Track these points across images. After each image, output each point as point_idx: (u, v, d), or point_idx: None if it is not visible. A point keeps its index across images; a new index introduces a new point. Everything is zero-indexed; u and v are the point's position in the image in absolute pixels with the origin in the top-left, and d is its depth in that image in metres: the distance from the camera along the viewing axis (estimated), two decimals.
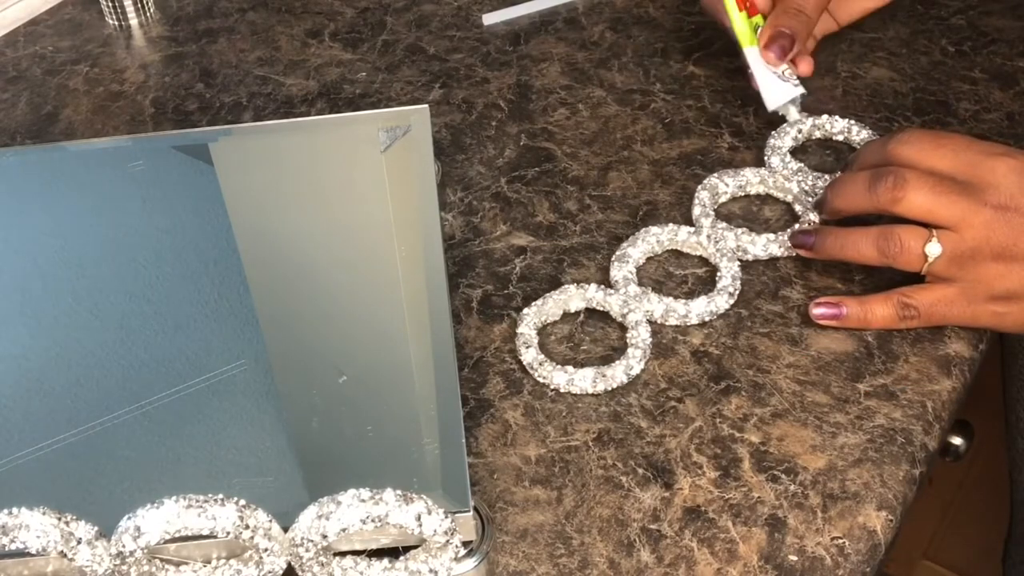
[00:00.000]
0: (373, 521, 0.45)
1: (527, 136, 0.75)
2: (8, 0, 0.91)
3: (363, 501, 0.45)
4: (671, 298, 0.62)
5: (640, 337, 0.59)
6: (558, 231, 0.68)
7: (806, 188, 0.67)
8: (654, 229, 0.65)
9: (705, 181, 0.68)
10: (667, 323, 0.61)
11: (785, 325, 0.61)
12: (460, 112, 0.78)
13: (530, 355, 0.59)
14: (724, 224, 0.65)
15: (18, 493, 0.51)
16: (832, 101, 0.75)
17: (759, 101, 0.72)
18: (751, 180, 0.68)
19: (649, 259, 0.66)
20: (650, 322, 0.61)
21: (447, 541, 0.47)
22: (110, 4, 0.88)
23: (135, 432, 0.54)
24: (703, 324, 0.62)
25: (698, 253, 0.65)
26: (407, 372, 0.56)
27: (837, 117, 0.71)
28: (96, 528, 0.46)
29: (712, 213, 0.66)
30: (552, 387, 0.59)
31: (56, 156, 0.70)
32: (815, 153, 0.72)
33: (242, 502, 0.46)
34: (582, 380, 0.58)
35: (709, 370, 0.59)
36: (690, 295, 0.63)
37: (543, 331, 0.62)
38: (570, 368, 0.58)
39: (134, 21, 0.89)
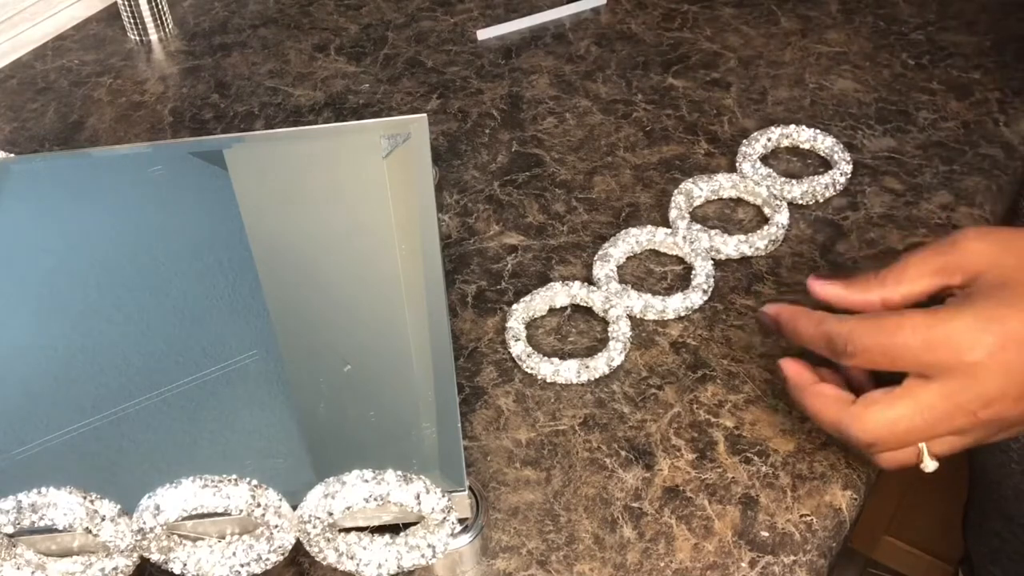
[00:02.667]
0: (375, 500, 0.45)
1: (518, 143, 0.75)
2: (37, 17, 0.91)
3: (366, 481, 0.45)
4: (650, 294, 0.61)
5: (620, 331, 0.59)
6: (547, 231, 0.68)
7: (775, 192, 0.67)
8: (633, 231, 0.65)
9: (680, 186, 0.68)
10: (646, 318, 0.61)
11: (757, 318, 0.61)
12: (456, 121, 0.77)
13: (518, 348, 0.59)
14: (699, 226, 0.65)
15: (47, 474, 0.51)
16: (801, 111, 0.75)
17: (732, 111, 0.72)
18: (724, 185, 0.68)
19: (630, 258, 0.65)
20: (631, 317, 0.61)
21: (444, 518, 0.47)
22: (132, 20, 0.88)
23: (155, 417, 0.54)
24: (681, 317, 0.61)
25: (675, 253, 0.65)
26: (407, 362, 0.56)
27: (803, 127, 0.71)
28: (119, 506, 0.46)
29: (687, 216, 0.66)
30: (539, 377, 0.58)
31: (82, 161, 0.70)
32: (783, 160, 0.72)
33: (254, 482, 0.45)
34: (567, 371, 0.58)
35: (687, 360, 0.59)
36: (669, 291, 0.63)
37: (533, 324, 0.62)
38: (556, 360, 0.58)
39: (154, 36, 0.89)
